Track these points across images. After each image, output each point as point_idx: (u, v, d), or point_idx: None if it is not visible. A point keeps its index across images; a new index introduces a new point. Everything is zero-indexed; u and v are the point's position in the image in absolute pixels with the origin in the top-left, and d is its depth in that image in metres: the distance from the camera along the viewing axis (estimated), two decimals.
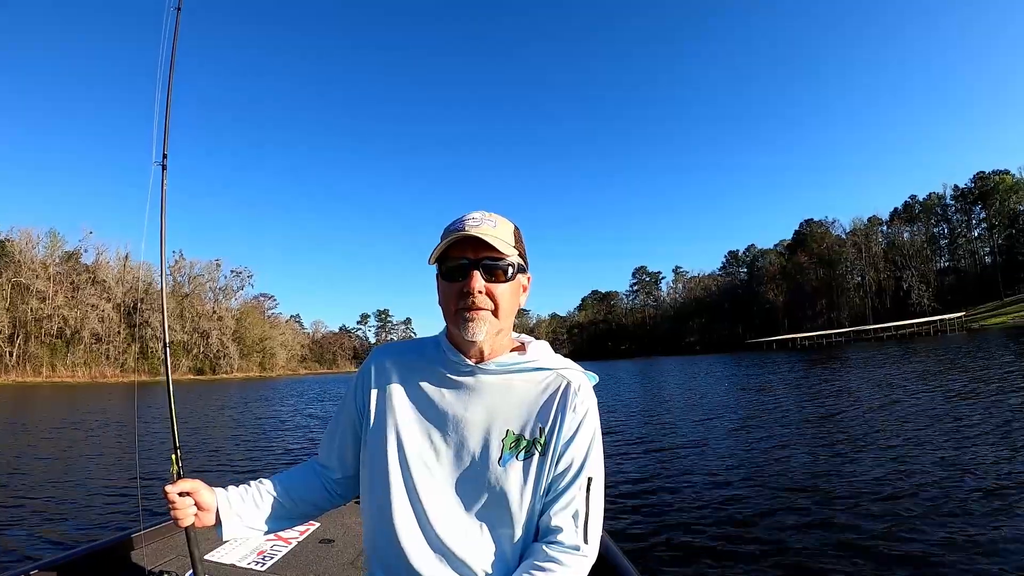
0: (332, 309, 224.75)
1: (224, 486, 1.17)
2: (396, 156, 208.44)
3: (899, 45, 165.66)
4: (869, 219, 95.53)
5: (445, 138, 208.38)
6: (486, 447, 1.03)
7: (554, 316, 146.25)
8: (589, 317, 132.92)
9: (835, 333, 77.13)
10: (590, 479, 1.06)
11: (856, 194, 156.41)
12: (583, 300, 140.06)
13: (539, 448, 1.04)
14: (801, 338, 76.46)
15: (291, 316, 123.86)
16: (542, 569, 0.99)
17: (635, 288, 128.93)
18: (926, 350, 32.06)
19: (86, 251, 79.46)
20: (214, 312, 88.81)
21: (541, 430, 1.04)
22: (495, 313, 1.04)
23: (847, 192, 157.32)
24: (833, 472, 6.40)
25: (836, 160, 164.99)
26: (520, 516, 1.04)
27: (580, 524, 1.03)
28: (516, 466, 1.03)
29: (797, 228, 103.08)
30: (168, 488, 1.12)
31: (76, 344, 73.29)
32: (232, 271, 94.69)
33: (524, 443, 1.04)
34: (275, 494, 1.19)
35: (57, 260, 76.38)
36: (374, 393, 1.12)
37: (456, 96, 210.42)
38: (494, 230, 1.03)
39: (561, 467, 1.05)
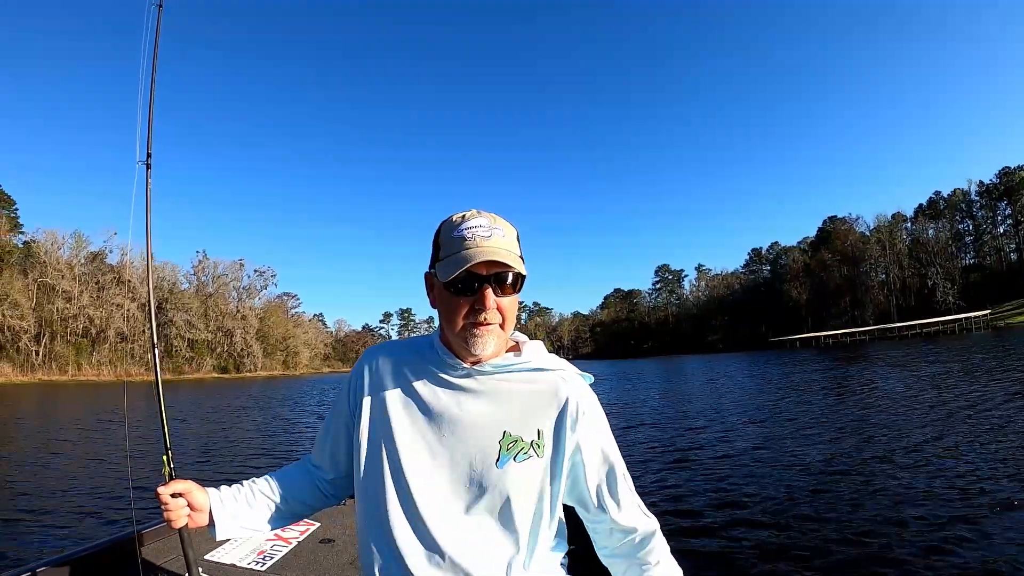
0: (355, 308, 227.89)
1: (217, 486, 1.18)
2: (418, 153, 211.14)
3: (922, 40, 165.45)
4: (893, 216, 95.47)
5: (467, 135, 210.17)
6: (483, 449, 1.03)
7: (576, 315, 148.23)
8: (612, 316, 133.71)
9: (859, 331, 77.23)
10: (623, 474, 1.11)
11: (880, 190, 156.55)
12: (605, 298, 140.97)
13: (537, 450, 1.04)
14: (825, 336, 76.79)
15: (314, 315, 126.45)
16: (651, 564, 1.07)
17: (658, 286, 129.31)
18: (956, 348, 31.89)
19: (111, 252, 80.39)
20: (238, 311, 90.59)
21: (539, 432, 1.05)
22: (502, 326, 1.03)
23: (871, 188, 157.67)
24: (876, 478, 6.23)
25: (860, 156, 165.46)
26: (519, 519, 1.04)
27: (639, 509, 1.11)
28: (514, 468, 1.02)
29: (820, 225, 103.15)
30: (160, 489, 1.12)
31: (101, 343, 75.05)
32: (255, 270, 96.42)
33: (522, 445, 1.03)
34: (268, 493, 1.20)
35: (82, 261, 78.01)
36: (367, 394, 1.11)
37: (476, 94, 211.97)
38: (504, 240, 1.01)
39: (596, 476, 1.09)
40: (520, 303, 1.03)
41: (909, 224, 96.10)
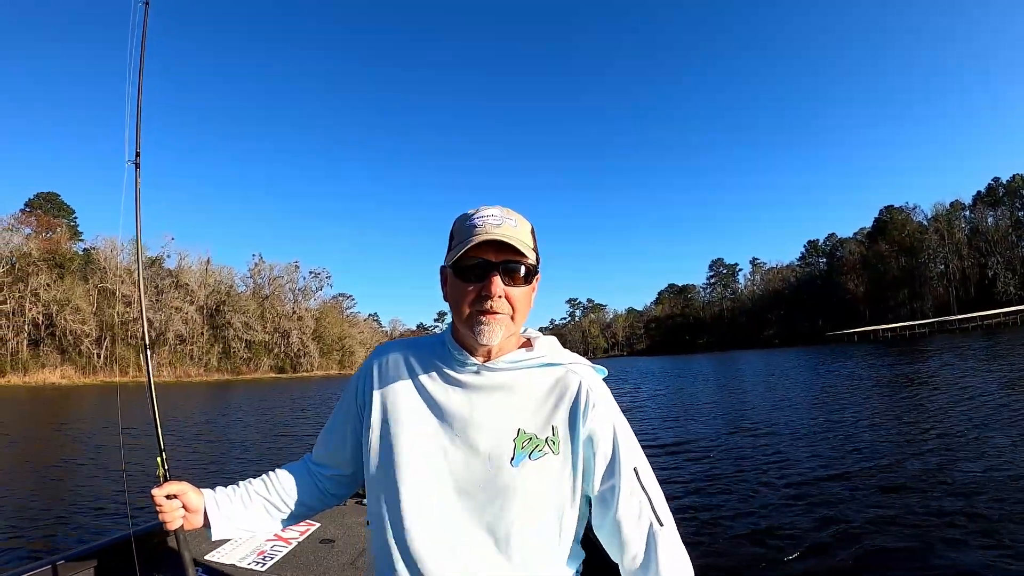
0: (409, 307, 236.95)
1: (212, 486, 1.21)
2: (468, 150, 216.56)
3: (972, 25, 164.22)
4: (951, 204, 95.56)
5: (519, 134, 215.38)
6: (497, 447, 1.04)
7: (631, 311, 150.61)
8: (666, 311, 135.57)
9: (918, 324, 78.16)
10: (635, 468, 1.07)
11: (937, 178, 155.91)
12: (659, 294, 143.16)
13: (552, 447, 1.05)
14: (883, 330, 78.07)
15: (369, 315, 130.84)
16: (658, 565, 1.02)
17: (712, 281, 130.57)
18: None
19: (168, 256, 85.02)
20: (294, 312, 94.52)
21: (554, 428, 1.06)
22: (512, 317, 1.05)
23: (928, 176, 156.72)
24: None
25: (916, 144, 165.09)
26: (535, 517, 1.04)
27: (649, 511, 1.05)
28: (530, 466, 1.03)
29: (877, 215, 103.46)
30: (155, 491, 1.16)
31: (161, 345, 78.61)
32: (311, 272, 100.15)
33: (537, 442, 1.05)
34: (264, 494, 1.22)
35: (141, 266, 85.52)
36: (377, 392, 1.13)
37: (531, 95, 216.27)
38: (515, 230, 1.03)
39: (602, 469, 1.07)
40: (574, 300, 1.25)
41: (967, 212, 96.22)
